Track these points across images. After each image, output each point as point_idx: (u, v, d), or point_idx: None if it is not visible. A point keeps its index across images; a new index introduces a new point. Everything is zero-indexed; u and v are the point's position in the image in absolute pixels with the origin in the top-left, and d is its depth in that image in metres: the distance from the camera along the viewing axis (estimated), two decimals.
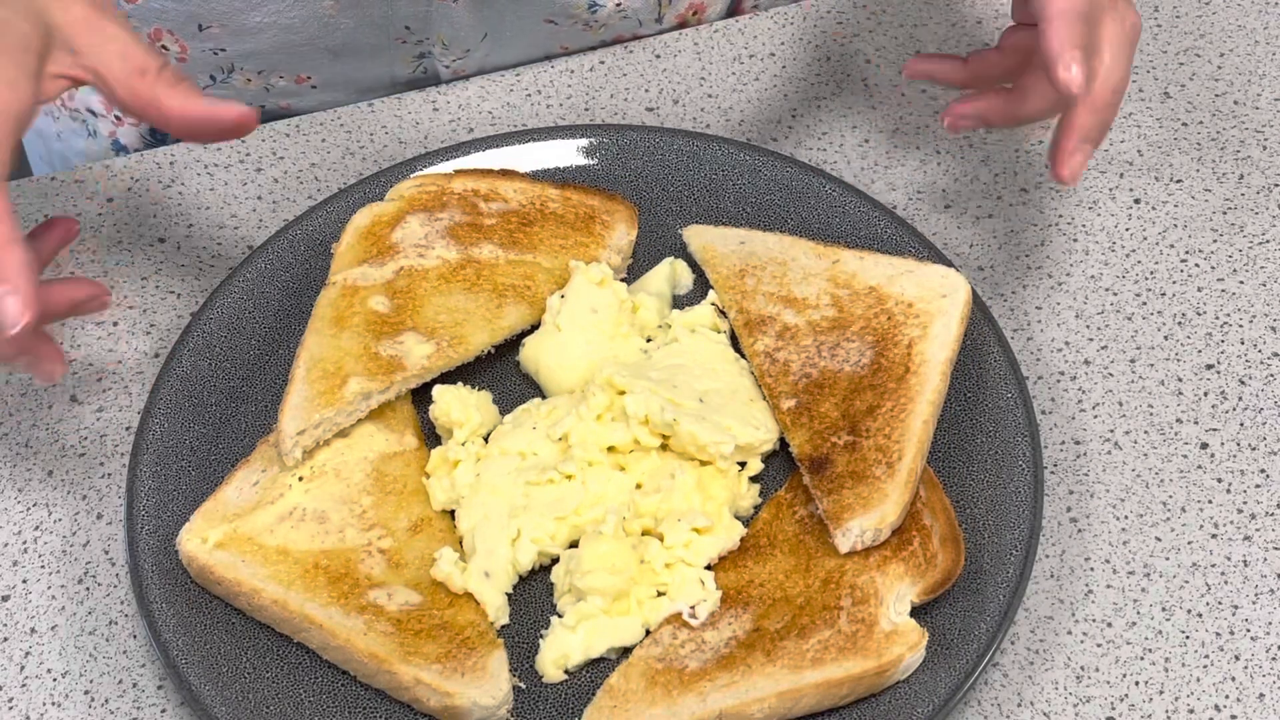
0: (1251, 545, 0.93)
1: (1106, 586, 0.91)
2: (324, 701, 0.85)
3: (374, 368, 0.93)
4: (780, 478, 0.93)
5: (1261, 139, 1.11)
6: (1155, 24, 1.18)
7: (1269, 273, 1.04)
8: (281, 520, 0.90)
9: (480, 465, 0.92)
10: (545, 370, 0.97)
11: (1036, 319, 1.02)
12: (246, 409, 0.96)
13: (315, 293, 0.98)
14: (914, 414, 0.91)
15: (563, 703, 0.86)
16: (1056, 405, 0.98)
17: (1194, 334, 1.02)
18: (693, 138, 1.06)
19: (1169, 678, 0.88)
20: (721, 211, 1.04)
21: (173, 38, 1.12)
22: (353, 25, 1.12)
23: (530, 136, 1.07)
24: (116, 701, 0.88)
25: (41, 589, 0.92)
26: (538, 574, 0.91)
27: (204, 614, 0.87)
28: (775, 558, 0.89)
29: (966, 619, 0.86)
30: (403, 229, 1.00)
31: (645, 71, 1.16)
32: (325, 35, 1.12)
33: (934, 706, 0.83)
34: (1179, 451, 0.96)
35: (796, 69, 1.16)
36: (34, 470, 0.97)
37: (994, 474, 0.91)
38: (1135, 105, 1.13)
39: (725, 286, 0.99)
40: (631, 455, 0.92)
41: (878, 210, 1.02)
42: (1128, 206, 1.08)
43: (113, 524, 0.95)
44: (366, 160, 1.11)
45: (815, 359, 0.95)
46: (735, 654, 0.85)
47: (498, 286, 0.99)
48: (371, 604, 0.87)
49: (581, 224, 1.02)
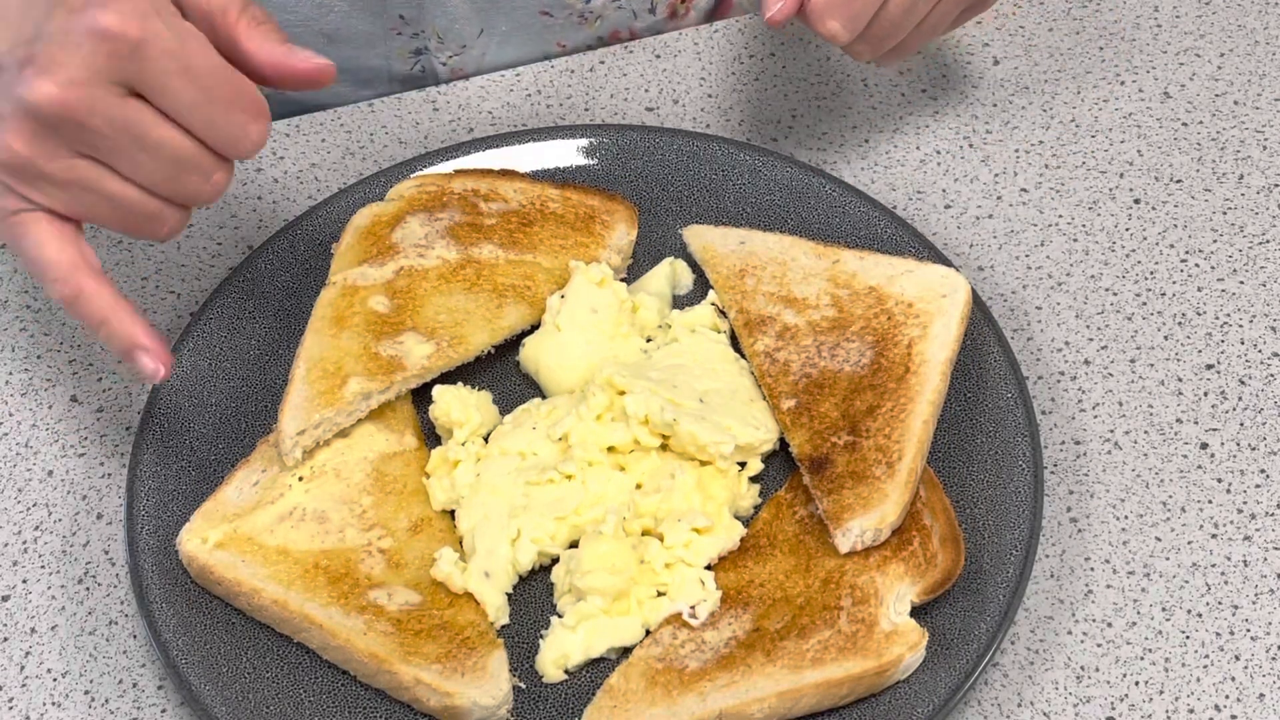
0: (1251, 545, 0.93)
1: (1106, 586, 0.91)
2: (324, 701, 0.85)
3: (374, 368, 0.93)
4: (780, 478, 0.93)
5: (1261, 139, 1.11)
6: (1155, 24, 1.18)
7: (1269, 273, 1.04)
8: (281, 520, 0.90)
9: (480, 465, 0.92)
10: (545, 370, 0.97)
11: (1036, 319, 1.02)
12: (246, 409, 0.96)
13: (315, 293, 0.98)
14: (914, 414, 0.91)
15: (563, 703, 0.86)
16: (1056, 405, 0.98)
17: (1194, 334, 1.02)
18: (693, 138, 1.06)
19: (1169, 678, 0.88)
20: (721, 211, 1.04)
21: None
22: (347, 8, 1.12)
23: (530, 136, 1.07)
24: (116, 701, 0.88)
25: (41, 589, 0.92)
26: (538, 574, 0.91)
27: (204, 614, 0.87)
28: (775, 558, 0.89)
29: (966, 619, 0.86)
30: (403, 229, 1.00)
31: (645, 71, 1.16)
32: (320, 17, 1.12)
33: (934, 706, 0.83)
34: (1179, 451, 0.96)
35: (796, 69, 1.16)
36: (34, 470, 0.97)
37: (994, 474, 0.91)
38: (1135, 105, 1.13)
39: (725, 286, 0.99)
40: (631, 455, 0.92)
41: (878, 210, 1.02)
42: (1128, 206, 1.08)
43: (113, 524, 0.95)
44: (366, 160, 1.11)
45: (815, 359, 0.95)
46: (735, 654, 0.85)
47: (498, 286, 0.99)
48: (371, 604, 0.87)
49: (581, 224, 1.02)
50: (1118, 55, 1.16)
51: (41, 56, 0.80)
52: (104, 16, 0.79)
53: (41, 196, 0.83)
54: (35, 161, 0.81)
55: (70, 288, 0.84)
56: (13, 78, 0.80)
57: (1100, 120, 1.12)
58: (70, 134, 0.81)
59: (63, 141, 0.81)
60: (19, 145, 0.81)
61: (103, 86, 0.80)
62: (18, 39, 0.81)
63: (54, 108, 0.80)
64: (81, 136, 0.81)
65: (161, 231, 0.86)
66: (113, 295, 0.85)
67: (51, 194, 0.83)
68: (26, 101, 0.80)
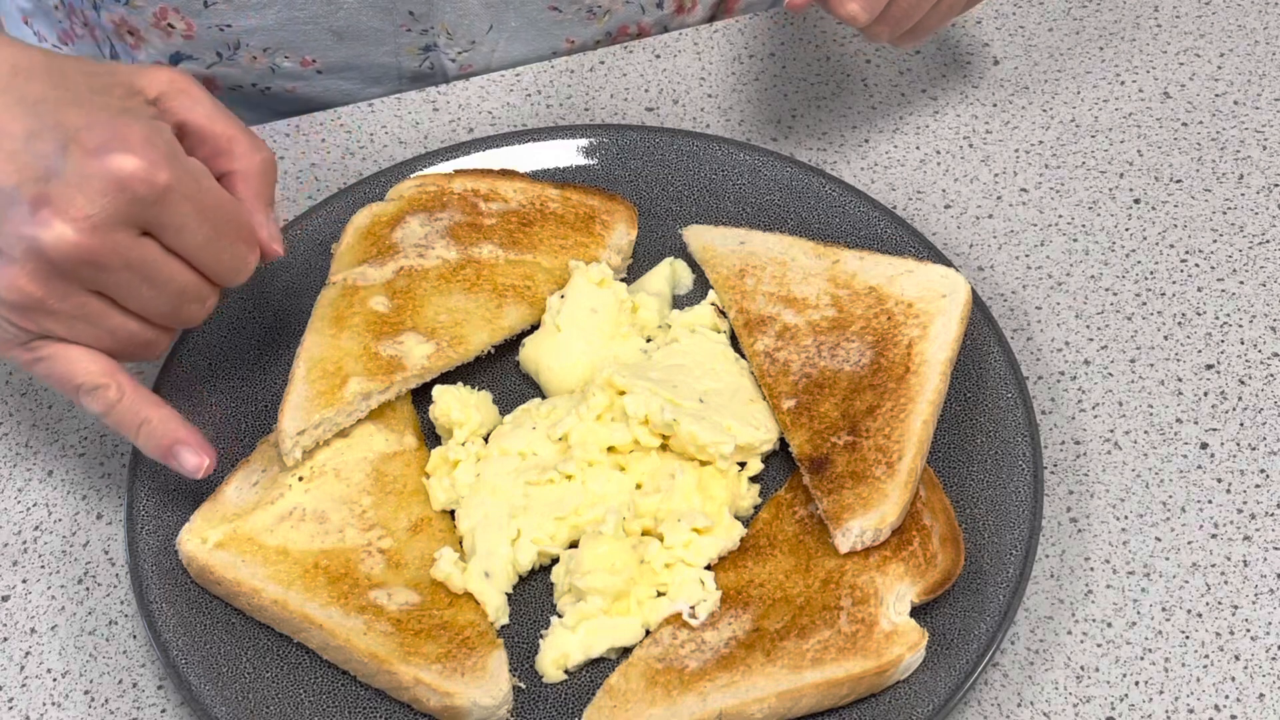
0: (1251, 545, 0.93)
1: (1106, 586, 0.91)
2: (324, 701, 0.85)
3: (374, 368, 0.93)
4: (780, 478, 0.93)
5: (1261, 139, 1.11)
6: (1155, 24, 1.18)
7: (1269, 273, 1.04)
8: (281, 520, 0.90)
9: (480, 465, 0.92)
10: (545, 370, 0.97)
11: (1036, 319, 1.02)
12: (246, 409, 0.96)
13: (315, 293, 0.98)
14: (914, 414, 0.91)
15: (563, 703, 0.86)
16: (1056, 405, 0.98)
17: (1194, 334, 1.02)
18: (693, 138, 1.06)
19: (1169, 678, 0.88)
20: (721, 211, 1.04)
21: (178, 15, 1.12)
22: (356, 5, 1.12)
23: (530, 136, 1.07)
24: (116, 701, 0.88)
25: (41, 589, 0.92)
26: (538, 574, 0.91)
27: (204, 614, 0.87)
28: (775, 558, 0.89)
29: (966, 619, 0.86)
30: (403, 229, 1.00)
31: (645, 71, 1.16)
32: (329, 14, 1.12)
33: (934, 706, 0.83)
34: (1179, 451, 0.96)
35: (796, 69, 1.16)
36: (34, 470, 0.97)
37: (994, 474, 0.91)
38: (1135, 105, 1.13)
39: (725, 286, 0.99)
40: (631, 455, 0.92)
41: (878, 210, 1.02)
42: (1128, 206, 1.08)
43: (113, 524, 0.95)
44: (366, 160, 1.11)
45: (815, 359, 0.95)
46: (735, 654, 0.85)
47: (498, 286, 0.99)
48: (371, 604, 0.87)
49: (581, 224, 1.02)
50: (1118, 55, 1.16)
51: (58, 198, 0.79)
52: (126, 162, 0.79)
53: (41, 329, 0.83)
54: (45, 301, 0.81)
55: (113, 392, 0.85)
56: (24, 216, 0.79)
57: (1100, 120, 1.12)
58: (84, 275, 0.81)
59: (73, 281, 0.81)
60: (31, 286, 0.81)
61: (122, 230, 0.80)
62: (26, 174, 0.80)
63: (72, 251, 0.79)
64: (94, 277, 0.81)
65: (151, 355, 0.87)
66: (149, 393, 0.87)
67: (53, 328, 0.83)
68: (43, 244, 0.79)
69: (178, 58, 1.15)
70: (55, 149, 0.80)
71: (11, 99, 0.82)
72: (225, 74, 1.16)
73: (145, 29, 1.14)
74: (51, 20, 1.22)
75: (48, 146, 0.80)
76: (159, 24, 1.13)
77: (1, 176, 0.80)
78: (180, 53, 1.15)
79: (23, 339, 0.84)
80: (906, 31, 0.99)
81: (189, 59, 1.15)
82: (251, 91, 1.17)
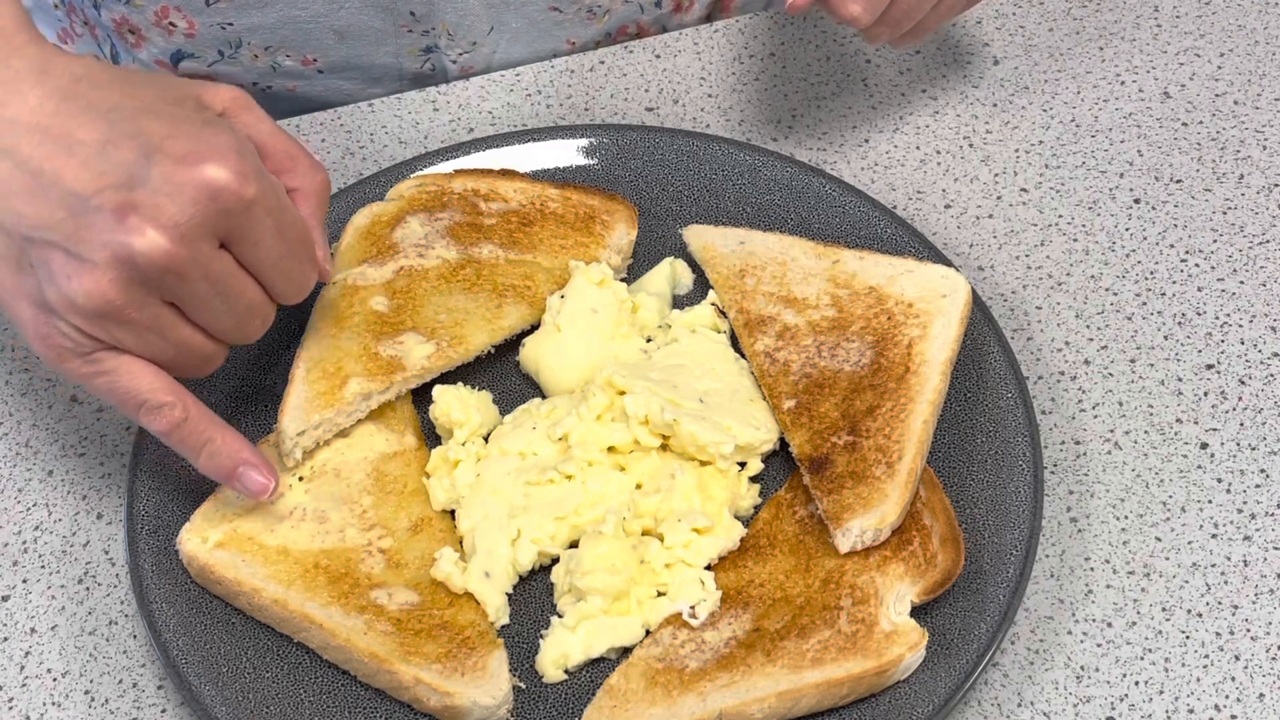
0: (1251, 545, 0.93)
1: (1106, 586, 0.91)
2: (324, 701, 0.85)
3: (374, 368, 0.93)
4: (780, 478, 0.93)
5: (1261, 139, 1.11)
6: (1155, 24, 1.18)
7: (1269, 273, 1.04)
8: (281, 520, 0.90)
9: (480, 465, 0.92)
10: (545, 370, 0.97)
11: (1036, 319, 1.02)
12: (247, 409, 0.96)
13: (315, 293, 0.98)
14: (914, 414, 0.91)
15: (563, 703, 0.86)
16: (1056, 405, 0.98)
17: (1194, 334, 1.02)
18: (693, 138, 1.06)
19: (1169, 678, 0.88)
20: (721, 211, 1.04)
21: (180, 14, 1.12)
22: (358, 5, 1.12)
23: (530, 136, 1.07)
24: (116, 701, 0.88)
25: (41, 589, 0.92)
26: (538, 574, 0.91)
27: (204, 614, 0.87)
28: (775, 558, 0.89)
29: (966, 619, 0.86)
30: (403, 229, 1.00)
31: (645, 71, 1.16)
32: (331, 13, 1.12)
33: (934, 706, 0.83)
34: (1179, 451, 0.96)
35: (796, 69, 1.16)
36: (34, 470, 0.97)
37: (994, 474, 0.91)
38: (1135, 105, 1.13)
39: (725, 286, 0.99)
40: (631, 455, 0.92)
41: (878, 210, 1.02)
42: (1128, 206, 1.08)
43: (113, 524, 0.95)
44: (366, 160, 1.11)
45: (815, 359, 0.95)
46: (735, 654, 0.85)
47: (498, 286, 0.99)
48: (371, 604, 0.87)
49: (581, 224, 1.02)
50: (1118, 55, 1.16)
51: (146, 206, 0.78)
52: (218, 172, 0.79)
53: (110, 338, 0.82)
54: (125, 310, 0.80)
55: (179, 411, 0.84)
56: (109, 223, 0.78)
57: (1100, 120, 1.12)
58: (165, 285, 0.80)
59: (154, 291, 0.81)
60: (114, 293, 0.79)
61: (206, 241, 0.80)
62: (105, 181, 0.79)
63: (162, 259, 0.79)
64: (173, 287, 0.81)
65: (206, 371, 0.86)
66: (212, 413, 0.86)
67: (123, 338, 0.82)
68: (134, 250, 0.78)
69: (179, 56, 1.15)
70: (137, 157, 0.79)
71: (77, 106, 0.80)
72: (226, 72, 1.16)
73: (146, 27, 1.14)
74: (51, 18, 1.22)
75: (128, 155, 0.79)
76: (160, 22, 1.13)
77: (77, 183, 0.79)
78: (181, 51, 1.15)
79: (85, 349, 0.82)
80: (906, 32, 1.00)
81: (190, 57, 1.15)
82: (252, 90, 1.17)
